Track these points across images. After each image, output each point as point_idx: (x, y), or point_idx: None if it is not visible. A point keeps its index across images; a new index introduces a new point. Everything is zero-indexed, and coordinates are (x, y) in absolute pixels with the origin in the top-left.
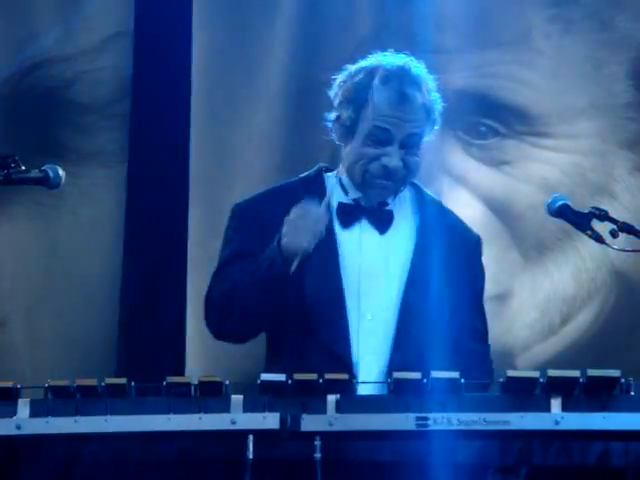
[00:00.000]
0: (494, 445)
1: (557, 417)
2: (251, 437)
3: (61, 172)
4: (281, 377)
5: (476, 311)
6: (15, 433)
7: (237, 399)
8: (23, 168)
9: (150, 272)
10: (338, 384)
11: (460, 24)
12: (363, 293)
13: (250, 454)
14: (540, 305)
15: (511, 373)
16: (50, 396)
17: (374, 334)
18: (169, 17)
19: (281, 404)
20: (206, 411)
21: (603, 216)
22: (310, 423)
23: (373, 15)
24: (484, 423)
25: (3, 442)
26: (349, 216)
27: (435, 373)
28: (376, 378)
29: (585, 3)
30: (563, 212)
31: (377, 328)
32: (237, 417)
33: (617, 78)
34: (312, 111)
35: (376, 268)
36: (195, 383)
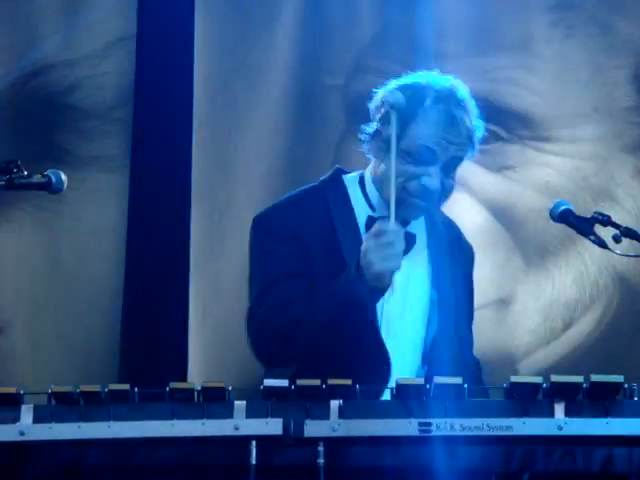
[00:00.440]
0: (497, 451)
1: (560, 423)
2: (254, 443)
3: (64, 177)
4: (284, 383)
5: (471, 322)
6: (19, 439)
7: (240, 405)
8: (26, 173)
9: (152, 277)
10: (341, 389)
11: (461, 29)
12: (387, 315)
13: (253, 460)
14: (542, 310)
15: (514, 379)
16: (53, 402)
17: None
18: (171, 22)
19: (284, 410)
20: (209, 417)
21: (606, 221)
22: (313, 429)
23: (374, 20)
24: (487, 429)
25: (7, 448)
26: None
27: (438, 379)
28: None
29: (586, 8)
30: (566, 217)
31: (405, 350)
32: (240, 423)
33: (619, 82)
34: (314, 116)
35: (398, 289)
36: (198, 389)
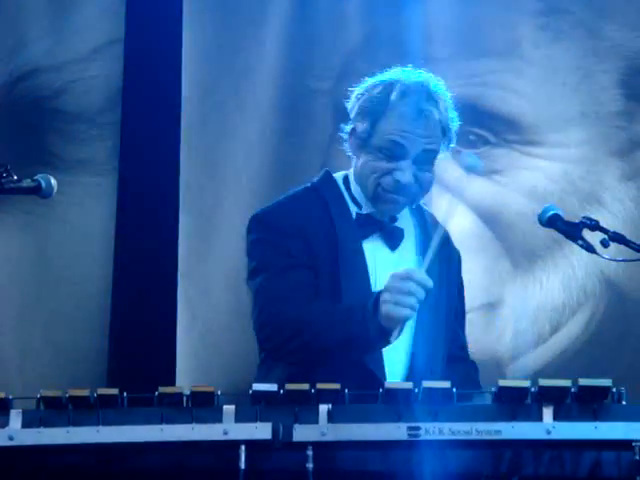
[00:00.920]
0: (486, 455)
1: (548, 427)
2: (243, 447)
3: (53, 181)
4: (273, 387)
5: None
6: (7, 444)
7: (229, 409)
8: (15, 178)
9: (140, 281)
10: (330, 394)
11: (449, 33)
12: None
13: (242, 464)
14: (530, 313)
15: (502, 383)
16: (42, 407)
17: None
18: (160, 26)
19: (273, 414)
20: (198, 421)
21: (594, 226)
22: (302, 433)
23: (363, 24)
24: (476, 433)
25: None
26: (366, 228)
27: (426, 383)
28: None
29: (574, 12)
30: (554, 222)
31: (397, 346)
32: (229, 427)
33: (606, 87)
34: (302, 119)
35: None
36: (187, 393)
